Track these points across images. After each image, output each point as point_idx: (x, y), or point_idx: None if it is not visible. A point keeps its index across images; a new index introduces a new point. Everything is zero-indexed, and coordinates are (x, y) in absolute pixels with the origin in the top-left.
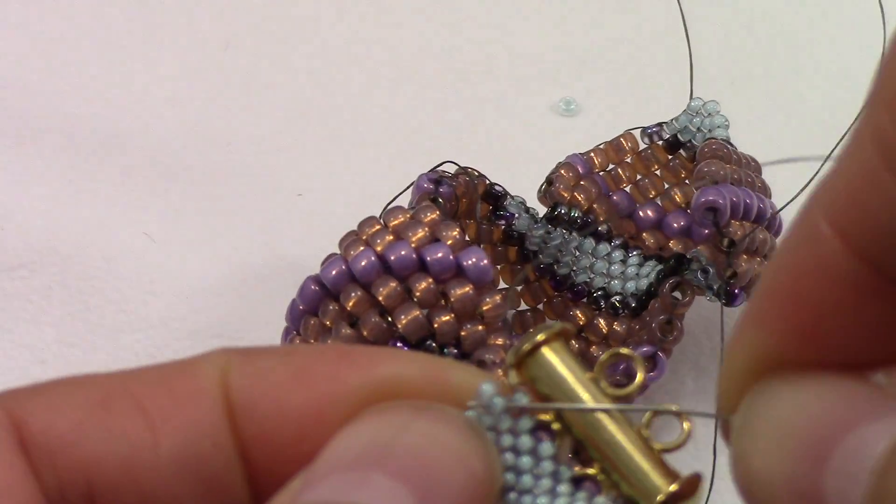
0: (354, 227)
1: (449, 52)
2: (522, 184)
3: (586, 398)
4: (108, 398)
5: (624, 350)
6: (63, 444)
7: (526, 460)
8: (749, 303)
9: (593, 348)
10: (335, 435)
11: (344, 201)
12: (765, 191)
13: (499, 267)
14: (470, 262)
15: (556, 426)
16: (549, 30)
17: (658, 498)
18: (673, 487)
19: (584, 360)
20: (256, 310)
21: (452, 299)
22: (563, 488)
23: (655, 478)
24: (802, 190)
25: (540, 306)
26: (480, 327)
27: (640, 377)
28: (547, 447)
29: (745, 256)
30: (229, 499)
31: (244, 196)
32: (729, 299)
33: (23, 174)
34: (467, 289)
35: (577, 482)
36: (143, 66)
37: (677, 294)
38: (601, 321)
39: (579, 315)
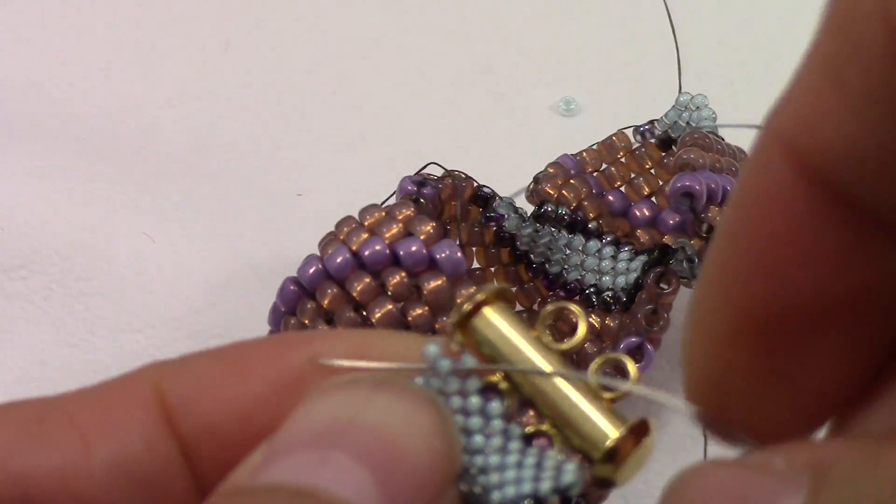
0: None
1: (449, 53)
2: (523, 183)
3: (530, 354)
4: (40, 416)
5: (570, 305)
6: None
7: (476, 421)
8: (709, 252)
9: (587, 345)
10: (295, 409)
11: (344, 201)
12: None
13: (493, 269)
14: (443, 254)
15: (503, 385)
16: (550, 29)
17: (605, 445)
18: (615, 435)
19: (580, 357)
20: (256, 309)
21: (426, 292)
22: (514, 445)
23: (602, 427)
24: None
25: (535, 306)
26: None
27: (582, 329)
28: (495, 406)
29: None
30: (166, 494)
31: (244, 196)
32: None
33: (23, 174)
34: (440, 281)
35: (529, 439)
36: (144, 65)
37: (663, 284)
38: (594, 318)
39: None
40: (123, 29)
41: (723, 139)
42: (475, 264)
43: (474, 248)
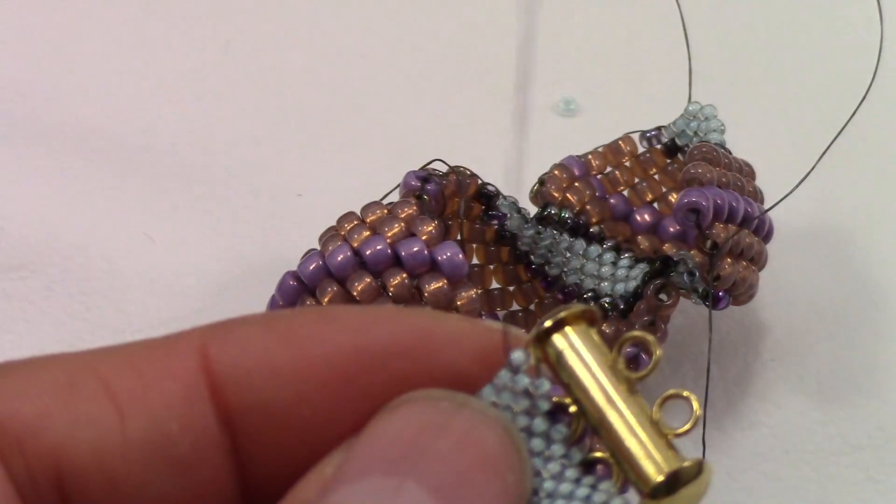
0: None
1: (449, 53)
2: (521, 183)
3: (602, 381)
4: (74, 381)
5: (636, 333)
6: (30, 431)
7: (537, 443)
8: None
9: None
10: (371, 424)
11: (344, 201)
12: (755, 196)
13: (491, 267)
14: (444, 256)
15: (572, 409)
16: (550, 29)
17: (653, 482)
18: (660, 478)
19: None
20: (256, 310)
21: (426, 294)
22: (571, 473)
23: (654, 463)
24: (790, 193)
25: (532, 307)
26: None
27: (657, 354)
28: (559, 431)
29: (728, 260)
30: (202, 477)
31: (244, 196)
32: (713, 302)
33: (23, 174)
34: (441, 283)
35: (588, 466)
36: (144, 65)
37: (663, 296)
38: None
39: None
40: (123, 29)
41: (730, 152)
42: (474, 260)
43: (474, 245)
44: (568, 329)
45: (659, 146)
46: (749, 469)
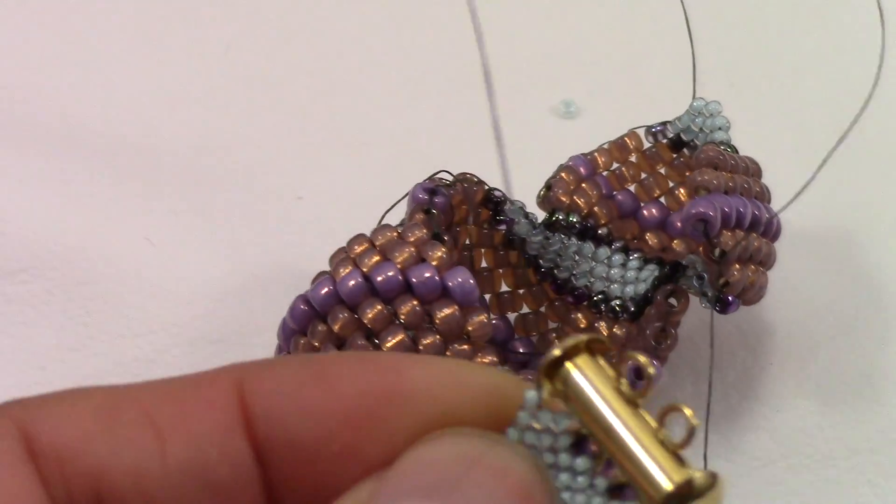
0: (354, 231)
1: (448, 55)
2: (522, 186)
3: (612, 407)
4: (116, 407)
5: (635, 355)
6: (71, 453)
7: (564, 478)
8: None
9: None
10: (408, 452)
11: (344, 204)
12: (763, 196)
13: (500, 270)
14: (455, 282)
15: (593, 440)
16: (549, 30)
17: (662, 493)
18: (669, 488)
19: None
20: (256, 314)
21: (437, 321)
22: (597, 502)
23: (664, 478)
24: (798, 194)
25: (542, 309)
26: (466, 347)
27: (650, 372)
28: (582, 463)
29: (737, 266)
30: None
31: (244, 200)
32: (723, 307)
33: (23, 178)
34: (453, 310)
35: (616, 490)
36: (144, 69)
37: (672, 301)
38: (602, 324)
39: (581, 318)
40: (124, 32)
41: (736, 150)
42: (483, 264)
43: (482, 249)
44: (574, 359)
45: (664, 140)
46: (748, 474)
